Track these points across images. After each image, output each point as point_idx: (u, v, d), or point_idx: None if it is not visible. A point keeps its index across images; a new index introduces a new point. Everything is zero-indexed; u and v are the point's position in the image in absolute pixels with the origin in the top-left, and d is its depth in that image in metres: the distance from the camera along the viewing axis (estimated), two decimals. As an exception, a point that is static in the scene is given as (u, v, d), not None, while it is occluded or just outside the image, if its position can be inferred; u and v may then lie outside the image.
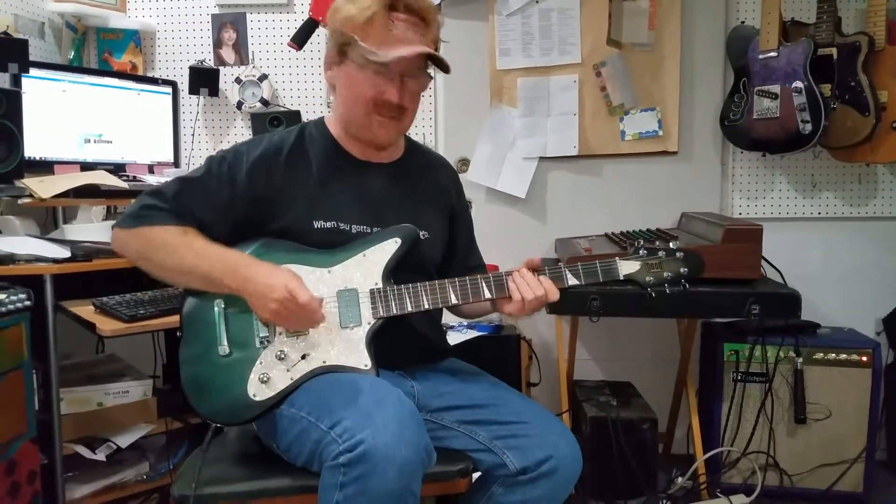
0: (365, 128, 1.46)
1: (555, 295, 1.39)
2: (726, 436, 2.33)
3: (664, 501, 2.19)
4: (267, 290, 1.29)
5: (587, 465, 1.55)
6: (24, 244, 1.89)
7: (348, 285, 1.39)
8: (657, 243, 1.47)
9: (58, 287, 1.82)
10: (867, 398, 2.25)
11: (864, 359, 2.25)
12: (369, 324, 1.38)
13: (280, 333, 1.36)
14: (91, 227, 2.13)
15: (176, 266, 1.36)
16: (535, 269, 1.41)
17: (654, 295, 1.43)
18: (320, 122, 1.54)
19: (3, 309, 1.59)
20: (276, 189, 1.42)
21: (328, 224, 1.43)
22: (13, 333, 1.62)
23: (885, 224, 2.60)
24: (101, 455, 1.95)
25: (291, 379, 1.35)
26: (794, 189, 2.62)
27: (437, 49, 1.46)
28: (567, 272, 1.42)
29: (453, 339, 2.19)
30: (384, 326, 1.39)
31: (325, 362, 1.36)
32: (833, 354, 2.27)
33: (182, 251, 1.35)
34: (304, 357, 1.35)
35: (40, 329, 1.77)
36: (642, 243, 1.46)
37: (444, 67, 1.42)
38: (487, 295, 1.40)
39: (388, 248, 1.41)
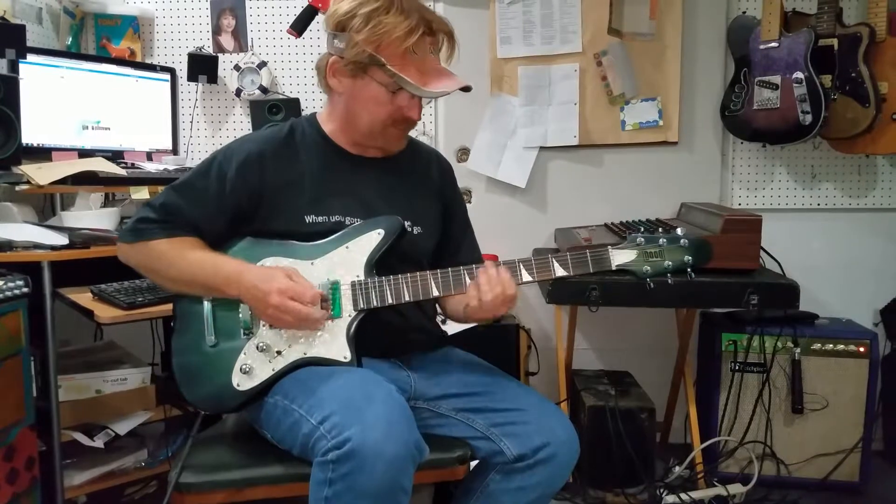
0: (377, 138, 1.46)
1: (511, 288, 1.34)
2: (724, 425, 2.33)
3: (661, 490, 2.19)
4: (262, 295, 1.31)
5: (585, 454, 1.56)
6: (22, 231, 1.89)
7: (330, 277, 1.39)
8: (659, 231, 1.42)
9: (56, 274, 1.81)
10: (864, 389, 2.26)
11: (862, 349, 2.26)
12: (350, 316, 1.38)
13: (263, 325, 1.38)
14: (89, 214, 2.12)
15: (178, 277, 1.39)
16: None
17: (653, 286, 1.38)
18: (312, 119, 1.52)
19: (1, 296, 1.58)
20: (267, 186, 1.42)
21: (319, 219, 1.43)
22: (11, 320, 1.62)
23: (884, 215, 2.60)
24: (99, 442, 1.95)
25: (273, 370, 1.37)
26: (794, 180, 2.61)
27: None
28: (555, 262, 1.38)
29: (451, 328, 2.18)
30: (378, 315, 1.39)
31: (305, 354, 1.37)
32: (830, 345, 2.28)
33: (180, 263, 1.38)
34: (285, 348, 1.37)
35: (38, 316, 1.77)
36: (641, 231, 1.41)
37: (468, 89, 1.41)
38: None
39: (372, 239, 1.40)
